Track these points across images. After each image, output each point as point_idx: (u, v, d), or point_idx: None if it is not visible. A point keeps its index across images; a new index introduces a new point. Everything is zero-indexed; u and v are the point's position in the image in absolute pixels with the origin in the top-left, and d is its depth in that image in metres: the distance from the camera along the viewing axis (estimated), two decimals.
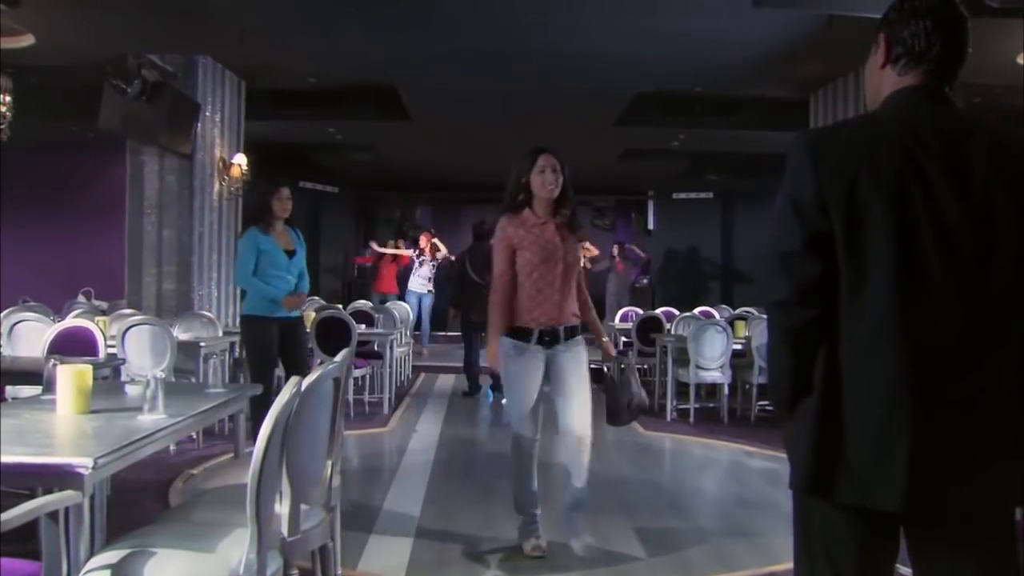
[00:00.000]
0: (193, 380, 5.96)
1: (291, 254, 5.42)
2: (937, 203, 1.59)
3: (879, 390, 1.58)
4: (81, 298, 9.67)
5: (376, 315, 8.90)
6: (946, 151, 1.62)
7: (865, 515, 1.62)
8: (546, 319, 3.71)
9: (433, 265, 12.32)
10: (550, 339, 3.73)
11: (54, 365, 3.01)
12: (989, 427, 1.58)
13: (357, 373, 7.50)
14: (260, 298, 5.34)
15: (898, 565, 1.74)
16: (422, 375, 10.53)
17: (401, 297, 12.46)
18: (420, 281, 12.32)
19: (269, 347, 5.33)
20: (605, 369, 4.00)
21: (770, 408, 7.06)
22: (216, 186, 8.65)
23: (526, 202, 3.76)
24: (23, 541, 2.14)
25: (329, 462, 2.78)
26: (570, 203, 3.82)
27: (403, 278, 13.08)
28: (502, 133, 12.04)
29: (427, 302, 12.32)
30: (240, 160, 8.90)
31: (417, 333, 11.91)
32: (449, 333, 13.72)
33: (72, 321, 5.34)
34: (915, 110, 1.68)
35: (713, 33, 7.23)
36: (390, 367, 8.04)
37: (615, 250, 14.81)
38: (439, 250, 12.40)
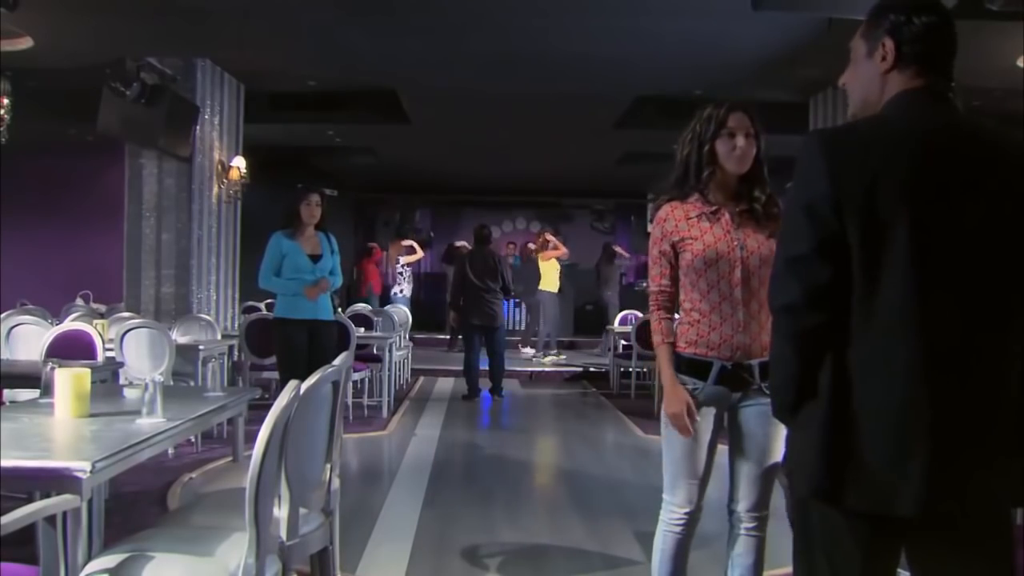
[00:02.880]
0: (192, 384, 5.94)
1: (316, 259, 5.48)
2: (951, 205, 1.58)
3: (895, 394, 1.56)
4: (79, 301, 9.64)
5: (375, 318, 8.90)
6: (958, 153, 1.62)
7: (869, 519, 1.60)
8: (728, 349, 2.53)
9: (402, 268, 12.22)
10: (736, 380, 2.55)
11: (52, 368, 3.01)
12: (990, 428, 1.58)
13: (356, 376, 7.49)
14: (282, 297, 5.49)
15: (899, 570, 1.73)
16: (421, 378, 10.51)
17: (384, 298, 12.37)
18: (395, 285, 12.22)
19: (292, 349, 5.41)
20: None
21: None
22: (215, 189, 8.64)
23: (708, 180, 2.59)
24: (21, 545, 2.14)
25: (328, 466, 2.77)
26: (764, 183, 2.62)
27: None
28: (501, 136, 12.05)
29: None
30: (239, 163, 8.89)
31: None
32: (438, 336, 13.71)
33: (70, 324, 5.32)
34: (924, 112, 1.67)
35: (713, 36, 7.23)
36: (389, 370, 8.03)
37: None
38: (413, 253, 12.47)
